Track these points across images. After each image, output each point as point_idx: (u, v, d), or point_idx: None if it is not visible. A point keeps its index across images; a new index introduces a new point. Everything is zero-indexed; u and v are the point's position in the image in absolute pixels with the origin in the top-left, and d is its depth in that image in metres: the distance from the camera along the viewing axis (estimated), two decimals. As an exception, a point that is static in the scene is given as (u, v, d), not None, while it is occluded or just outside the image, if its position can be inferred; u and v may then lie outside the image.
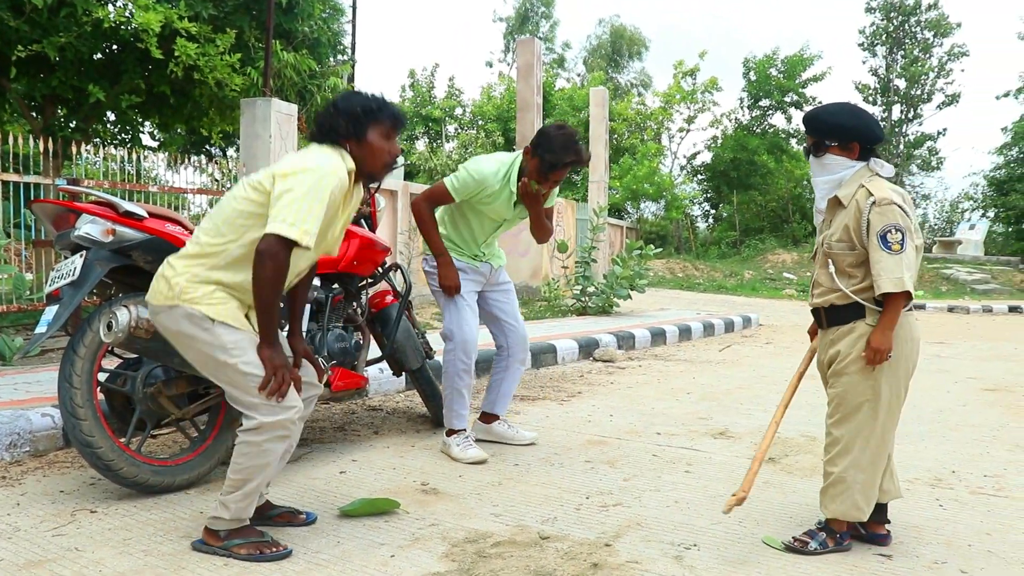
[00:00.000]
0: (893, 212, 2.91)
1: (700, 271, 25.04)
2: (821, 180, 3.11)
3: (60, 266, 3.50)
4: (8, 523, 3.15)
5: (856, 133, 3.04)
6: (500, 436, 4.59)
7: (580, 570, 2.80)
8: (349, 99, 2.93)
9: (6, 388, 4.94)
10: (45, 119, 9.71)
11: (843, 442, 3.04)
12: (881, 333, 2.95)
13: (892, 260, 2.89)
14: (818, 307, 3.17)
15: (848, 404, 3.04)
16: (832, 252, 3.06)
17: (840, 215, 3.06)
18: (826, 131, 3.06)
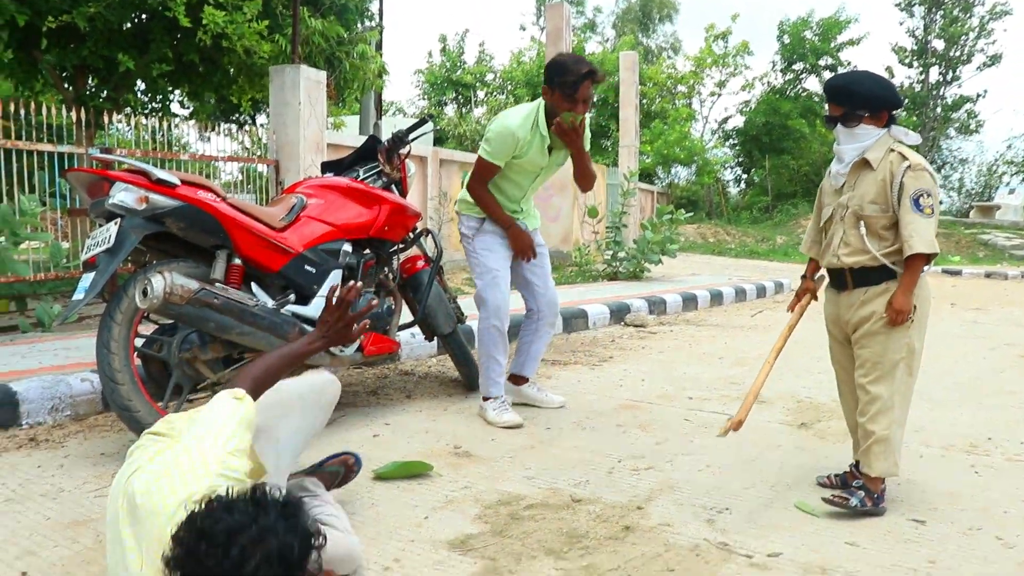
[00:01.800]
0: (926, 177, 3.00)
1: (731, 236, 24.86)
2: (850, 148, 3.16)
3: (95, 234, 3.53)
4: (53, 484, 3.23)
5: (886, 102, 3.10)
6: (529, 398, 4.61)
7: (612, 532, 2.81)
8: None
9: (46, 354, 5.03)
10: (76, 89, 9.77)
11: (883, 400, 3.08)
12: (904, 294, 3.02)
13: (925, 222, 2.97)
14: (842, 268, 3.19)
15: (886, 363, 3.08)
16: (865, 214, 3.10)
17: (867, 177, 3.12)
18: (859, 102, 3.10)
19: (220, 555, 1.74)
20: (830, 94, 3.17)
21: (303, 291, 3.94)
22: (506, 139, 4.14)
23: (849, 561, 2.61)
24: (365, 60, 11.68)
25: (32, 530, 2.75)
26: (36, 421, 4.05)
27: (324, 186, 4.25)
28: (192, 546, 1.76)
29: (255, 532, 1.77)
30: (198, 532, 1.77)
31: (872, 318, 3.10)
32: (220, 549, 1.74)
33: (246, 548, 1.75)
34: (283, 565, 1.79)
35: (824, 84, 3.30)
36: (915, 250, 2.97)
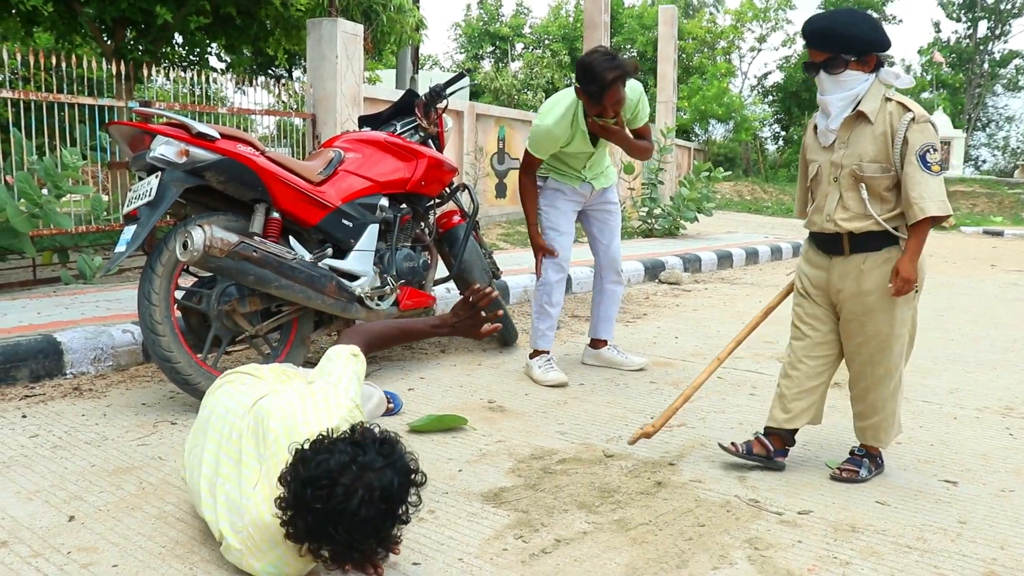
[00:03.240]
0: (930, 130, 2.77)
1: (768, 194, 24.59)
2: (836, 98, 2.85)
3: (137, 187, 3.58)
4: (97, 432, 3.31)
5: (875, 44, 2.79)
6: (608, 361, 4.58)
7: (644, 487, 2.84)
8: None
9: (88, 305, 5.13)
10: (115, 42, 9.82)
11: (886, 374, 2.94)
12: (912, 262, 2.78)
13: (935, 181, 2.73)
14: (840, 233, 2.90)
15: (893, 338, 2.90)
16: (864, 175, 2.83)
17: (863, 133, 2.83)
18: (845, 45, 2.78)
19: (325, 496, 1.88)
20: (811, 38, 2.84)
21: (340, 245, 3.97)
22: (545, 137, 4.13)
23: (879, 520, 2.62)
24: (403, 13, 11.62)
25: (78, 476, 2.84)
26: (80, 371, 4.14)
27: (361, 140, 4.26)
28: (299, 491, 1.91)
29: (356, 471, 1.91)
30: (303, 478, 1.91)
31: (875, 293, 2.85)
32: (324, 491, 1.89)
33: (349, 487, 1.89)
34: (384, 500, 1.92)
35: (803, 26, 2.91)
36: (927, 213, 2.71)
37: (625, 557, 2.33)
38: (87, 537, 2.37)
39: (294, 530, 1.95)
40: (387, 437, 2.03)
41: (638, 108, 4.20)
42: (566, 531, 2.50)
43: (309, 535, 1.93)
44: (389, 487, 1.93)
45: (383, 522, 1.95)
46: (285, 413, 2.16)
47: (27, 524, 2.45)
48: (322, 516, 1.89)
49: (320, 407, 2.18)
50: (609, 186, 4.50)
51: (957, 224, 17.87)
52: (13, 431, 3.29)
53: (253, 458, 2.15)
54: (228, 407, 2.34)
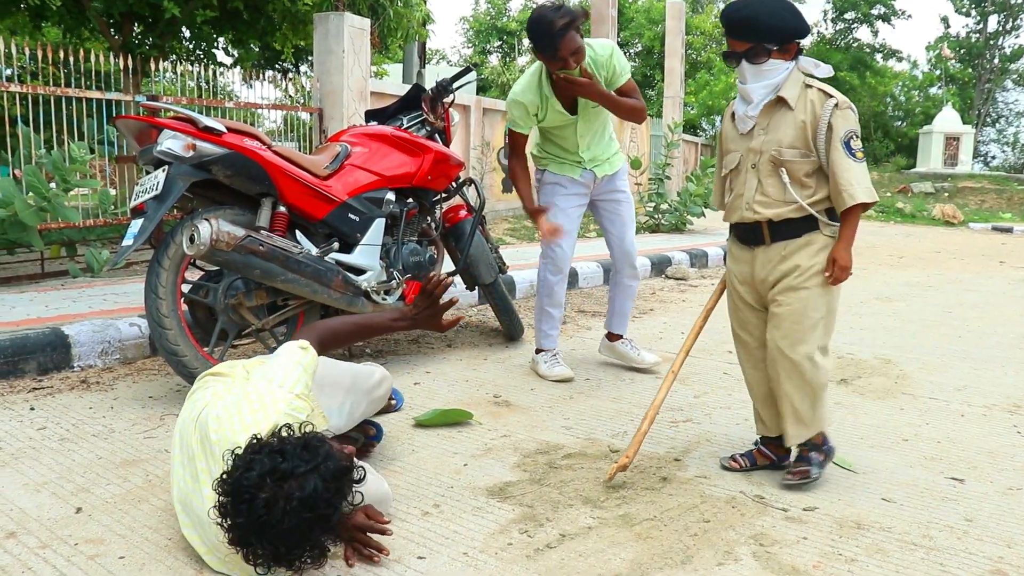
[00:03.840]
0: (852, 117, 2.73)
1: (776, 190, 24.50)
2: (758, 86, 2.78)
3: (144, 180, 3.59)
4: (104, 425, 3.32)
5: (795, 32, 2.73)
6: (621, 356, 4.48)
7: (649, 483, 2.84)
8: None
9: (95, 299, 5.15)
10: (123, 36, 9.84)
11: (808, 364, 2.80)
12: (846, 249, 2.76)
13: (859, 168, 2.69)
14: (760, 221, 2.83)
15: (806, 322, 2.79)
16: (784, 160, 2.76)
17: (784, 119, 2.77)
18: (767, 34, 2.70)
19: (246, 510, 1.86)
20: (731, 27, 2.76)
21: (347, 239, 3.98)
22: (514, 108, 4.06)
23: (885, 517, 2.62)
24: (409, 8, 11.62)
25: (86, 468, 2.85)
26: (87, 364, 4.16)
27: (368, 135, 4.26)
28: (226, 507, 1.90)
29: (274, 481, 1.88)
30: (228, 492, 1.90)
31: (794, 272, 2.79)
32: (245, 504, 1.86)
33: (269, 499, 1.87)
34: (308, 507, 1.89)
35: (721, 14, 2.83)
36: (857, 199, 2.67)
37: (630, 552, 2.33)
38: (94, 529, 2.38)
39: (231, 536, 1.93)
40: (310, 441, 1.99)
41: (612, 64, 3.99)
42: (571, 526, 2.50)
43: (240, 544, 1.92)
44: (312, 494, 1.90)
45: (309, 530, 1.92)
46: (221, 422, 2.13)
47: (35, 515, 2.46)
48: (246, 528, 1.88)
49: (256, 408, 2.15)
50: (614, 172, 4.30)
51: (965, 220, 17.81)
52: (21, 423, 3.31)
53: (206, 473, 2.13)
54: (184, 420, 2.31)
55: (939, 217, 17.99)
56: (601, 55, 3.97)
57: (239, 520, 1.88)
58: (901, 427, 3.55)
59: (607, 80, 4.00)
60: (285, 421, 2.08)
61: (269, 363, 2.36)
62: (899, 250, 11.80)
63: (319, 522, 1.93)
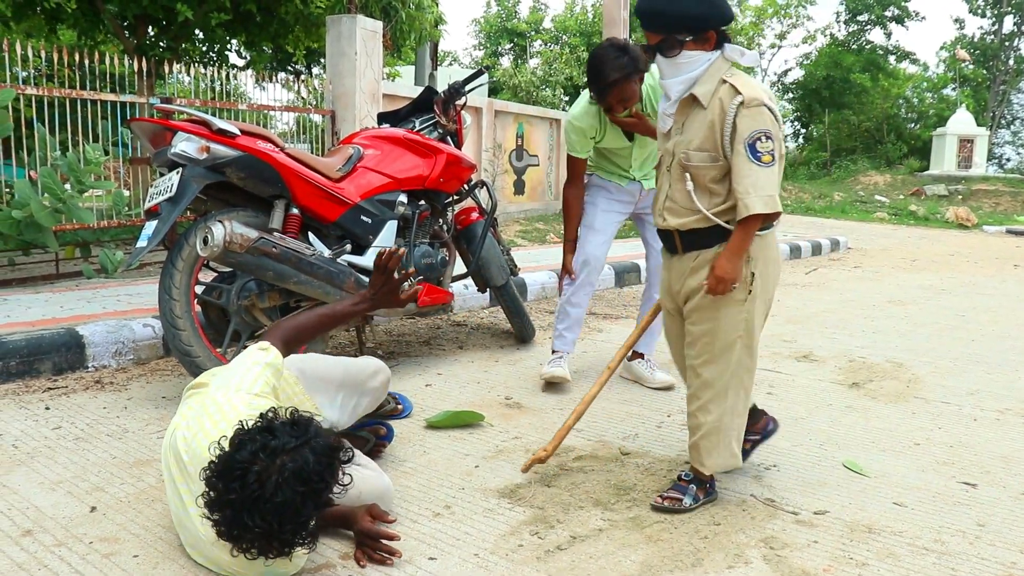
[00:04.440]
0: (763, 115, 2.47)
1: (788, 192, 24.44)
2: (676, 81, 2.58)
3: (158, 182, 3.62)
4: (118, 425, 3.35)
5: (709, 20, 2.51)
6: (636, 375, 4.30)
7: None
8: None
9: (110, 300, 5.18)
10: (137, 39, 9.89)
11: (717, 386, 2.65)
12: (729, 260, 2.50)
13: (764, 174, 2.45)
14: (671, 229, 2.68)
15: (720, 342, 2.61)
16: (691, 164, 2.56)
17: (696, 118, 2.57)
18: (676, 24, 2.51)
19: (239, 486, 1.86)
20: (642, 19, 2.57)
21: (359, 241, 4.00)
22: (572, 132, 3.98)
23: (896, 522, 2.62)
24: (421, 10, 11.64)
25: (100, 467, 2.87)
26: (101, 364, 4.19)
27: (380, 137, 4.28)
28: (215, 487, 1.90)
29: (267, 456, 1.89)
30: (217, 474, 1.90)
31: (702, 290, 2.60)
32: (237, 481, 1.87)
33: (261, 473, 1.87)
34: (301, 481, 1.89)
35: (635, 6, 2.66)
36: (751, 210, 2.44)
37: (640, 555, 2.34)
38: (108, 528, 2.40)
39: (221, 530, 1.94)
40: (299, 418, 2.02)
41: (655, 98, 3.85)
42: (582, 528, 2.50)
43: (231, 530, 1.91)
44: (304, 467, 1.90)
45: (303, 505, 1.91)
46: (188, 441, 2.13)
47: (51, 514, 2.48)
48: (239, 507, 1.87)
49: (216, 418, 2.14)
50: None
51: (979, 223, 17.73)
52: (37, 423, 3.34)
53: (188, 493, 2.13)
54: (164, 446, 2.30)
55: (953, 220, 17.91)
56: (655, 86, 3.85)
57: (231, 498, 1.88)
58: (913, 431, 3.54)
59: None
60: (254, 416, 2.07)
61: (227, 369, 2.35)
62: (912, 253, 11.76)
63: (312, 496, 1.93)
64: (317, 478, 1.94)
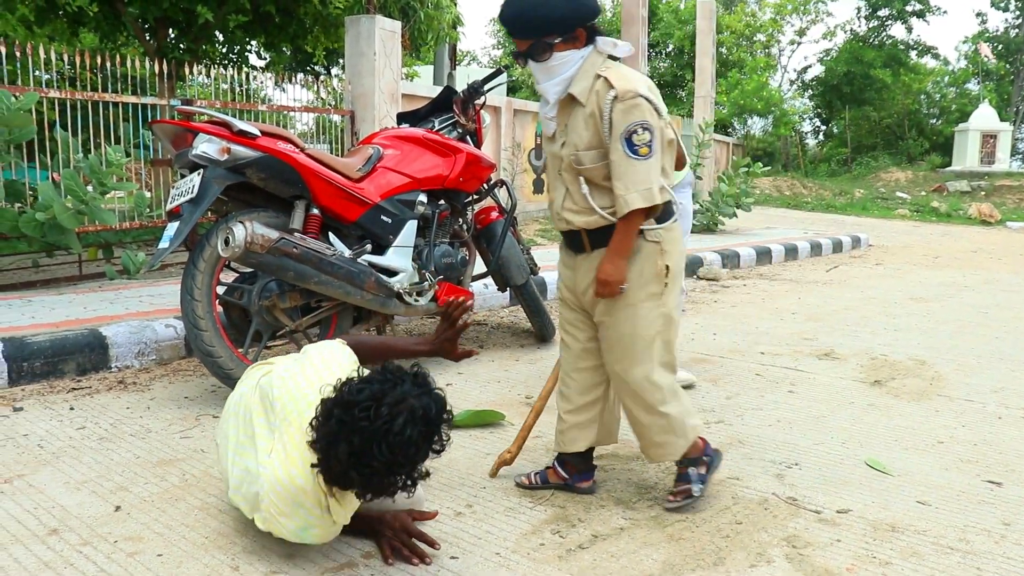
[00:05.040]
0: (639, 107, 2.40)
1: (808, 189, 24.30)
2: (551, 84, 2.53)
3: (179, 184, 3.64)
4: (141, 425, 3.38)
5: (578, 18, 2.45)
6: None
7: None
8: None
9: (132, 300, 5.22)
10: (158, 41, 9.97)
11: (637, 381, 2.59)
12: (612, 262, 2.46)
13: (642, 167, 2.39)
14: (577, 228, 2.60)
15: (641, 341, 2.55)
16: (583, 166, 2.51)
17: (578, 117, 2.51)
18: (542, 28, 2.45)
19: (371, 415, 1.97)
20: (507, 27, 2.51)
21: (379, 241, 4.01)
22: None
23: (920, 520, 2.60)
24: (440, 10, 11.66)
25: (124, 467, 2.89)
26: (124, 364, 4.22)
27: (400, 137, 4.29)
28: (342, 414, 1.98)
29: (398, 395, 2.00)
30: (346, 403, 1.99)
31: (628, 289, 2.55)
32: (371, 411, 1.97)
33: (393, 407, 1.98)
34: (425, 422, 2.03)
35: (499, 15, 2.57)
36: (631, 206, 2.38)
37: (662, 554, 2.33)
38: (133, 527, 2.42)
39: (331, 465, 2.01)
40: (419, 371, 2.13)
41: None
42: (603, 527, 2.50)
43: (349, 460, 1.98)
44: (429, 410, 2.02)
45: (423, 444, 2.03)
46: (285, 380, 2.22)
47: (76, 513, 2.51)
48: (369, 435, 1.95)
49: (319, 367, 2.23)
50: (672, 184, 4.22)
51: (1003, 219, 17.56)
52: (61, 423, 3.37)
53: (265, 429, 2.22)
54: (240, 392, 2.41)
55: (975, 216, 17.76)
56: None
57: (363, 424, 1.95)
58: (936, 429, 3.51)
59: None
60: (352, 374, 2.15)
61: (314, 349, 2.39)
62: (934, 250, 11.66)
63: (430, 440, 2.05)
64: (437, 423, 2.06)
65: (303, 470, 2.09)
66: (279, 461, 2.11)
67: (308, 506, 2.11)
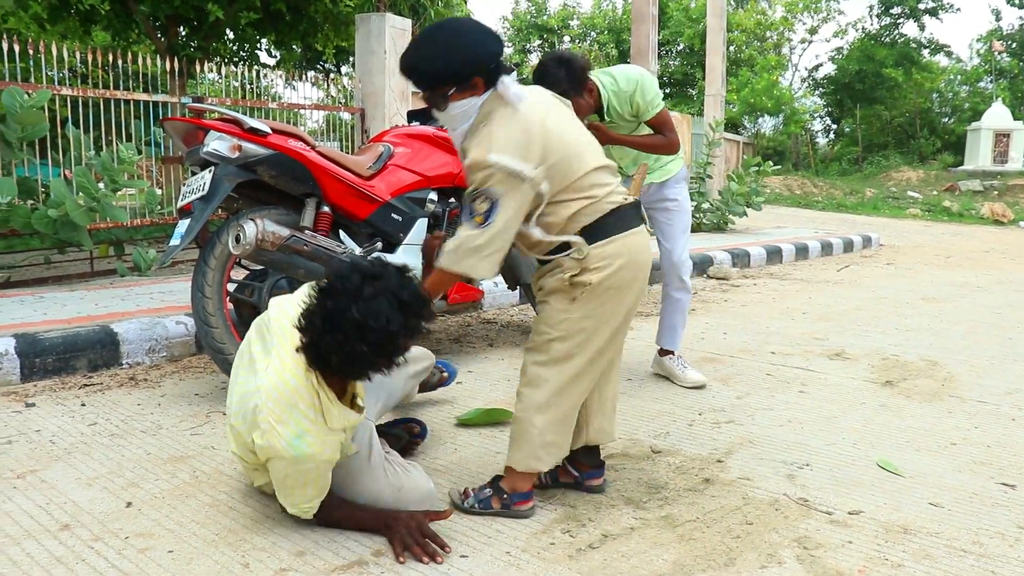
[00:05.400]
0: (481, 176, 2.33)
1: (819, 188, 24.25)
2: (458, 133, 2.51)
3: (190, 181, 3.65)
4: (152, 421, 3.38)
5: (470, 68, 2.38)
6: (667, 372, 4.24)
7: (691, 484, 2.83)
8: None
9: (143, 297, 5.23)
10: (169, 39, 10.00)
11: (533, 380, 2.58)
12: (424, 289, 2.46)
13: (469, 234, 2.35)
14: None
15: (539, 336, 2.56)
16: None
17: None
18: (435, 79, 2.40)
19: (358, 285, 2.11)
20: (408, 77, 2.47)
21: (390, 239, 4.01)
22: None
23: (932, 522, 2.58)
24: (450, 8, 11.67)
25: (135, 463, 2.90)
26: (135, 361, 4.23)
27: (410, 135, 4.29)
28: (324, 292, 2.14)
29: (380, 284, 2.13)
30: (329, 290, 2.14)
31: (542, 288, 2.55)
32: (356, 281, 2.12)
33: (377, 287, 2.12)
34: (402, 305, 2.13)
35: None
36: (440, 263, 2.42)
37: (672, 554, 2.33)
38: (144, 523, 2.43)
39: (317, 342, 2.11)
40: (402, 265, 2.25)
41: (636, 101, 3.79)
42: (613, 527, 2.50)
43: (331, 334, 2.09)
44: (405, 290, 2.14)
45: (394, 315, 2.10)
46: (279, 305, 2.38)
47: (87, 509, 2.51)
48: (344, 303, 2.08)
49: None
50: (664, 181, 4.14)
51: (1016, 219, 17.47)
52: (73, 419, 3.38)
53: (262, 352, 2.32)
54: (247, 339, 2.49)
55: (988, 216, 17.68)
56: (624, 90, 3.78)
57: (340, 298, 2.09)
58: (949, 431, 3.49)
59: (634, 113, 3.84)
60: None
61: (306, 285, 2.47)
62: (946, 249, 11.61)
63: (412, 320, 2.16)
64: (414, 303, 2.16)
65: (295, 372, 2.19)
66: (274, 369, 2.22)
67: (302, 408, 2.18)
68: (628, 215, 2.53)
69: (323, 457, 2.22)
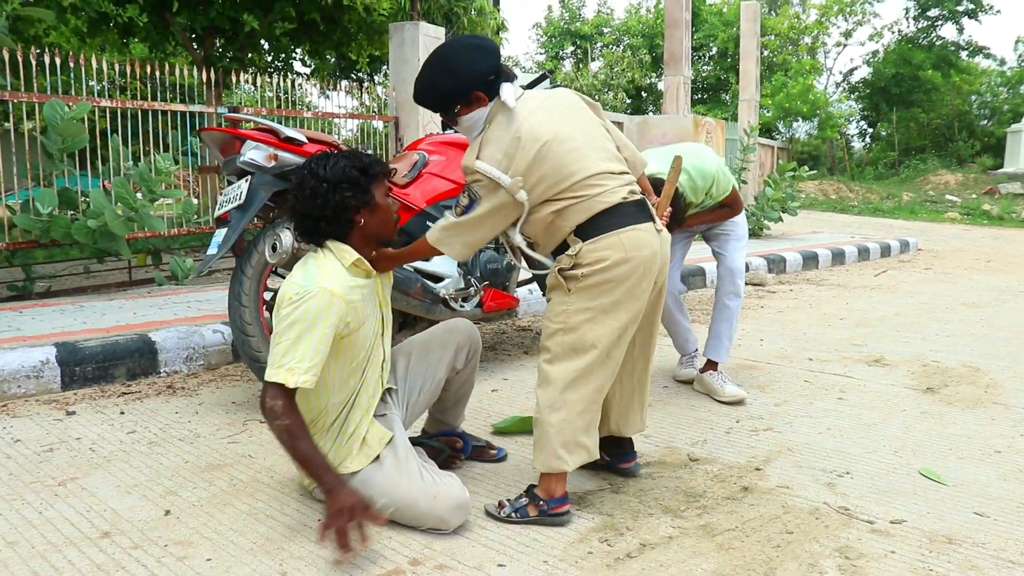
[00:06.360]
0: (472, 180, 2.57)
1: (855, 193, 23.97)
2: (474, 141, 2.65)
3: (227, 191, 3.68)
4: (189, 429, 3.41)
5: (468, 87, 2.57)
6: (706, 388, 4.10)
7: (730, 492, 2.80)
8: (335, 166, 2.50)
9: (180, 306, 5.29)
10: (205, 50, 10.11)
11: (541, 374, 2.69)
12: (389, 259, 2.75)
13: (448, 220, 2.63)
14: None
15: (545, 331, 2.67)
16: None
17: None
18: (442, 103, 2.64)
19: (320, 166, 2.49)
20: (420, 104, 2.72)
21: (424, 247, 4.00)
22: None
23: (978, 532, 2.53)
24: (483, 16, 11.68)
25: (173, 472, 2.92)
26: (173, 369, 4.27)
27: (445, 143, 4.29)
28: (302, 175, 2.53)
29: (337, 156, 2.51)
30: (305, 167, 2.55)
31: (547, 287, 2.72)
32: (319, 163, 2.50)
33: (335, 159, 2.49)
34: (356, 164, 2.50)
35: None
36: (427, 236, 2.67)
37: (711, 563, 2.30)
38: (182, 531, 2.44)
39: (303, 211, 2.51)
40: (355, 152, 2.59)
41: (710, 192, 3.96)
42: (651, 535, 2.47)
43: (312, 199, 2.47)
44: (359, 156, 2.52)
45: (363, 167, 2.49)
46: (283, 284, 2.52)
47: (127, 517, 2.53)
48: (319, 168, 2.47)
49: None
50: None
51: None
52: (112, 427, 3.42)
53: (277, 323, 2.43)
54: None
55: (1029, 219, 17.36)
56: (700, 186, 3.89)
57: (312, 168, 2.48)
58: (993, 438, 3.42)
59: (707, 199, 4.01)
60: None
61: None
62: (987, 254, 11.43)
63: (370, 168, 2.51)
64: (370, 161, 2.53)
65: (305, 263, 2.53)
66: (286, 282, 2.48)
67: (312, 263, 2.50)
68: (627, 211, 2.58)
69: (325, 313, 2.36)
